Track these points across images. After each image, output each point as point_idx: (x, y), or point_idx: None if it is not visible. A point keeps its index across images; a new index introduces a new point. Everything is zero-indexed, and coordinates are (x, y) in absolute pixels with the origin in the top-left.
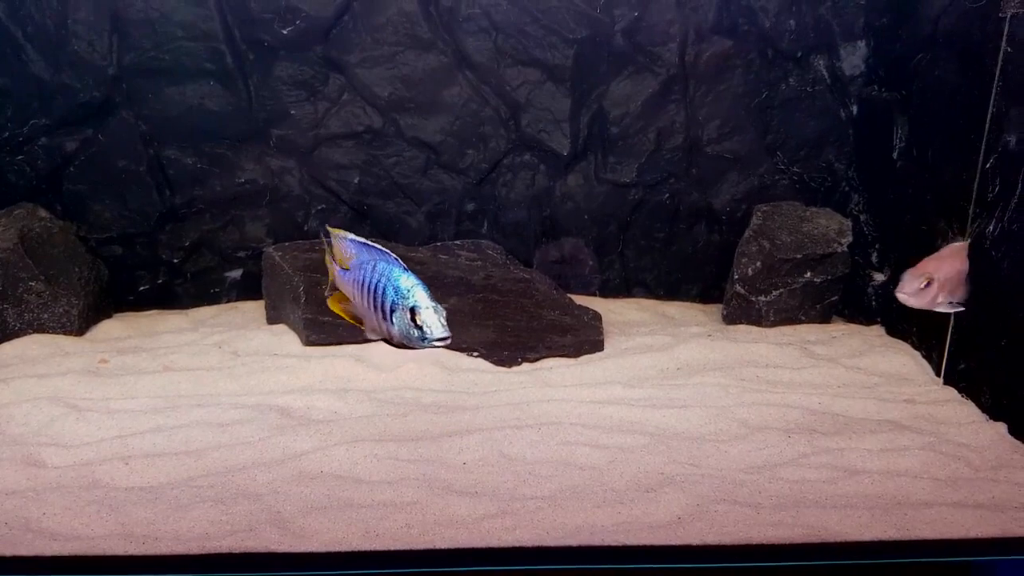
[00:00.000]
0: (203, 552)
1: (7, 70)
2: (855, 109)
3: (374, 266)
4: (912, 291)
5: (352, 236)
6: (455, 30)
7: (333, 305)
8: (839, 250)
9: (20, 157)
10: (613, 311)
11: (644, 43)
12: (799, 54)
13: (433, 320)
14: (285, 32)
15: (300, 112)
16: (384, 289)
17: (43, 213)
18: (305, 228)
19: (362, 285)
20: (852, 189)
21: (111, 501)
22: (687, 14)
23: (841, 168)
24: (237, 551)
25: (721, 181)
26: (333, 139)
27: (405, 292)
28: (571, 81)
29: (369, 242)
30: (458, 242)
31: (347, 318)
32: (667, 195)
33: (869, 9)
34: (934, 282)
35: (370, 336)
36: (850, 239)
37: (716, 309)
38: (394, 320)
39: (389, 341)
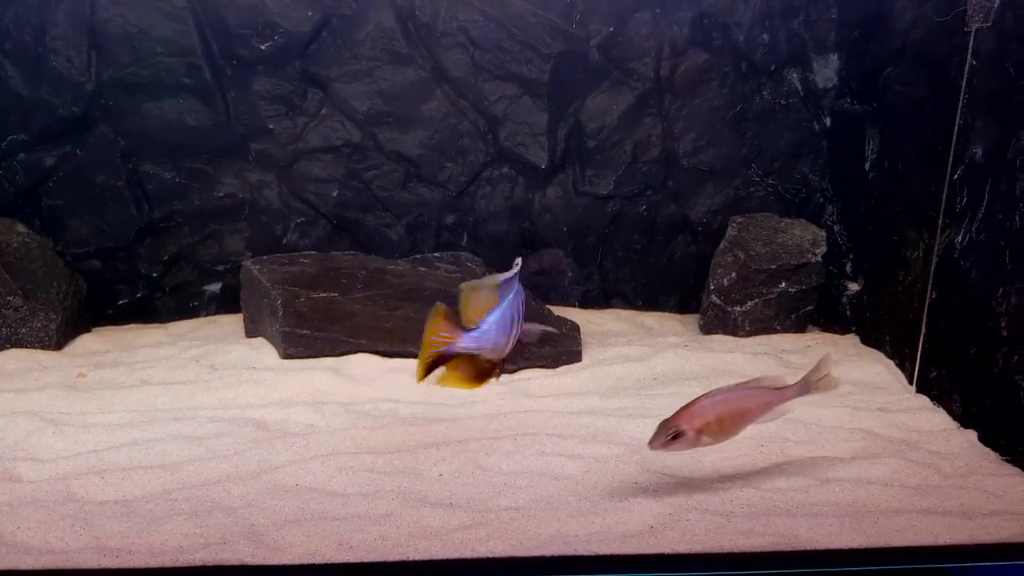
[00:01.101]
0: (176, 565)
1: None
2: (828, 121)
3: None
4: (661, 443)
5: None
6: (432, 45)
7: (452, 382)
8: (813, 260)
9: None
10: (592, 322)
11: (620, 57)
12: (773, 67)
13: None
14: (263, 47)
15: (279, 127)
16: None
17: (21, 228)
18: (284, 241)
19: (511, 320)
20: (826, 200)
21: (85, 515)
22: (662, 29)
23: (815, 179)
24: (210, 564)
25: (697, 193)
26: (312, 153)
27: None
28: (548, 95)
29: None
30: (437, 254)
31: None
32: (644, 207)
33: (841, 23)
34: (686, 432)
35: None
36: (824, 249)
37: (693, 319)
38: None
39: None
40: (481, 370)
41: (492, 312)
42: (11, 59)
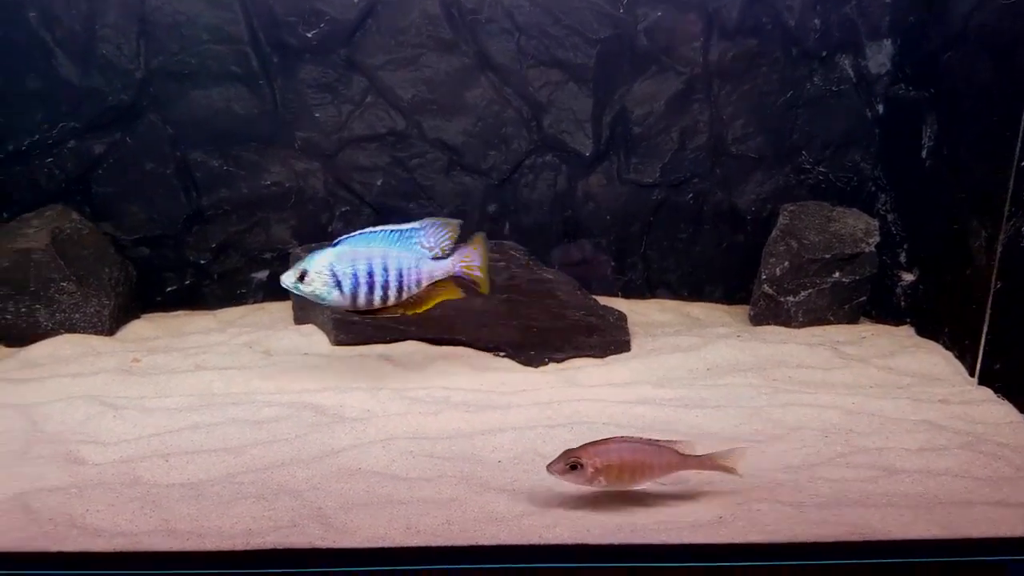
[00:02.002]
0: (248, 548)
1: (37, 74)
2: (881, 108)
3: None
4: (558, 470)
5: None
6: (477, 32)
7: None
8: (867, 250)
9: (50, 160)
10: (636, 312)
11: (668, 42)
12: (824, 53)
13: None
14: (309, 35)
15: (324, 115)
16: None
17: (73, 215)
18: (329, 229)
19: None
20: (879, 189)
21: (153, 497)
22: (711, 13)
23: (867, 167)
24: (281, 547)
25: (746, 181)
26: (357, 141)
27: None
28: (594, 81)
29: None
30: None
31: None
32: (691, 195)
33: (895, 8)
34: (585, 467)
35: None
36: (878, 239)
37: (741, 310)
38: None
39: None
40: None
41: None
42: (62, 47)
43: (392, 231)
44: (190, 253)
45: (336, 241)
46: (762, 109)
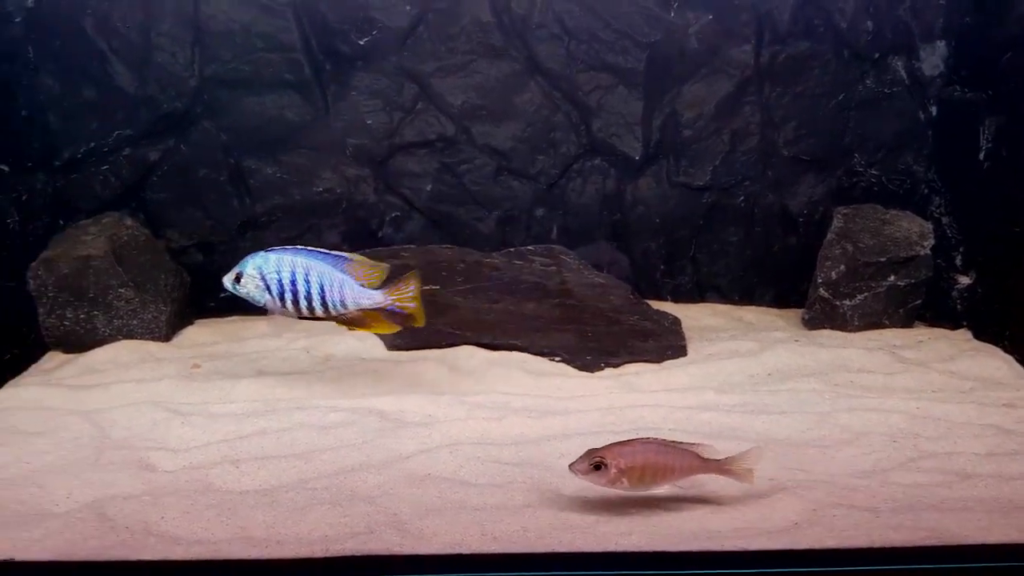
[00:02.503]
0: (327, 555)
1: (93, 82)
2: (935, 110)
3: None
4: (581, 469)
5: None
6: (528, 37)
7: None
8: (922, 253)
9: (105, 167)
10: (688, 316)
11: (718, 45)
12: (877, 55)
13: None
14: (362, 43)
15: (376, 121)
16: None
17: (129, 221)
18: (379, 235)
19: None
20: (932, 191)
21: (229, 504)
22: (762, 16)
23: (920, 170)
24: (359, 553)
25: (797, 183)
26: (407, 148)
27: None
28: (643, 84)
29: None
30: (531, 247)
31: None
32: (742, 198)
33: (950, 10)
34: (608, 467)
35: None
36: (932, 242)
37: (794, 314)
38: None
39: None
40: None
41: None
42: (118, 56)
43: (323, 252)
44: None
45: (270, 249)
46: (814, 111)
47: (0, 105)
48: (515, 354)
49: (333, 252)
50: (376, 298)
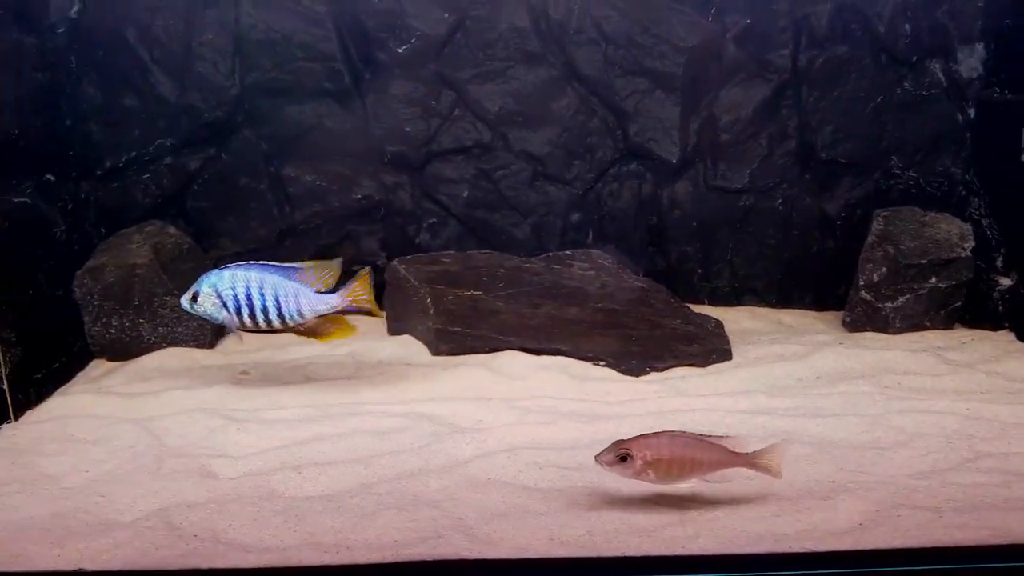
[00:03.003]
0: (399, 560)
1: (135, 92)
2: (973, 112)
3: None
4: (607, 461)
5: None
6: (565, 43)
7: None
8: (963, 255)
9: (146, 176)
10: (727, 319)
11: (756, 50)
12: (914, 58)
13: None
14: (400, 50)
15: (414, 129)
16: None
17: (172, 229)
18: (416, 241)
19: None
20: (971, 193)
21: (295, 511)
22: (799, 20)
23: (958, 172)
24: (430, 558)
25: (835, 186)
26: (444, 154)
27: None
28: (681, 89)
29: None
30: (569, 252)
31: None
32: (779, 201)
33: (989, 12)
34: (634, 459)
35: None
36: (972, 243)
37: (832, 316)
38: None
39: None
40: None
41: None
42: (160, 65)
43: (274, 265)
44: None
45: (223, 267)
46: (851, 115)
47: (44, 114)
48: (559, 359)
49: (285, 264)
50: (333, 302)
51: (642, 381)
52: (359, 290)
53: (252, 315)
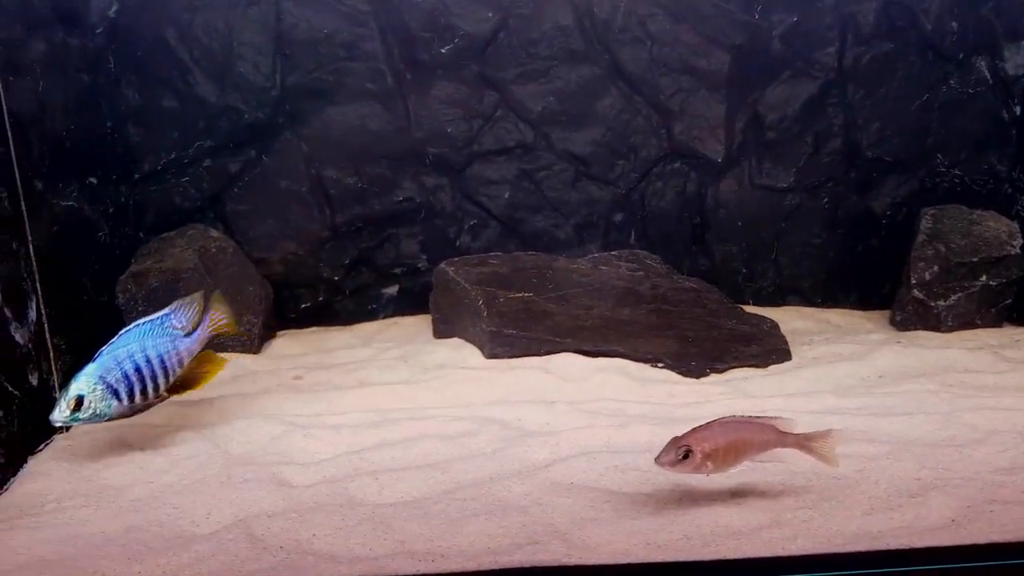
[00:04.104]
0: (497, 567)
1: (174, 92)
2: (1019, 110)
3: None
4: (669, 461)
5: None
6: (610, 42)
7: None
8: (1012, 252)
9: (185, 179)
10: (776, 319)
11: (802, 47)
12: (961, 56)
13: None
14: (444, 51)
15: (456, 130)
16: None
17: (215, 233)
18: (457, 244)
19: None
20: (1017, 190)
21: (380, 518)
22: (846, 18)
23: (1003, 170)
24: (530, 565)
25: (881, 184)
26: (485, 155)
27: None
28: (726, 87)
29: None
30: (615, 253)
31: None
32: (825, 199)
33: None
34: (694, 453)
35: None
36: (1022, 241)
37: (879, 315)
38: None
39: None
40: None
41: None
42: (200, 66)
43: (143, 323)
44: (323, 270)
45: (95, 355)
46: (897, 112)
47: (87, 116)
48: (616, 360)
49: (151, 316)
50: (199, 336)
51: (704, 383)
52: (218, 314)
53: (144, 391)
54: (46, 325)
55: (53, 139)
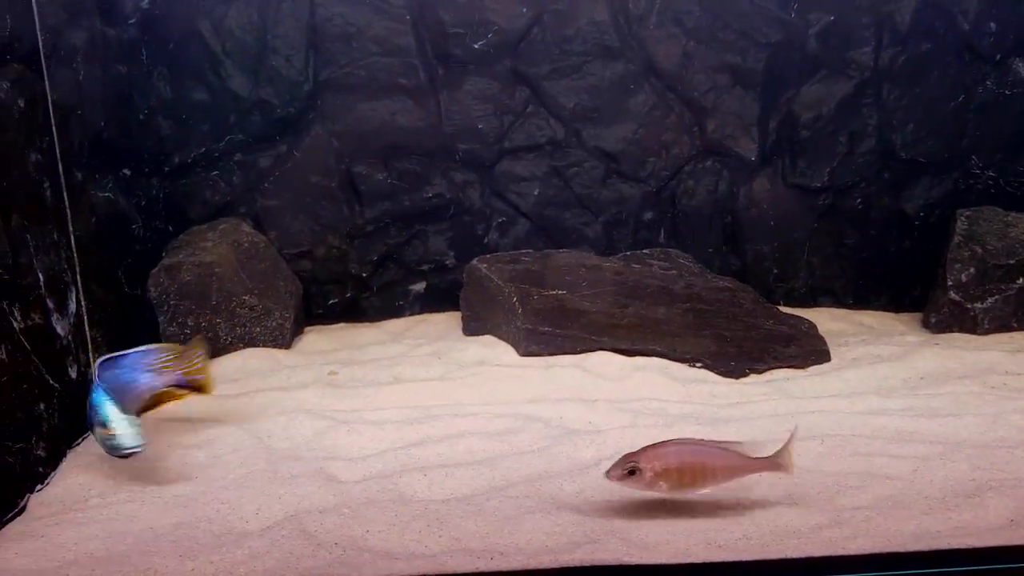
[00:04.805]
0: (558, 566)
1: (206, 86)
2: None
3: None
4: (616, 475)
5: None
6: (644, 38)
7: None
8: None
9: (215, 172)
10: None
11: (838, 46)
12: (998, 57)
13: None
14: (476, 46)
15: (487, 126)
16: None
17: (246, 227)
18: (485, 241)
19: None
20: None
21: (434, 515)
22: (883, 17)
23: None
24: (591, 564)
25: (915, 185)
26: (516, 152)
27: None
28: (761, 85)
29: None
30: (647, 251)
31: None
32: (859, 200)
33: None
34: (644, 471)
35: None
36: None
37: (910, 317)
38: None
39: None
40: None
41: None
42: (232, 59)
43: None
44: (352, 266)
45: (95, 388)
46: (932, 113)
47: (121, 107)
48: (653, 359)
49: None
50: (167, 378)
51: (745, 383)
52: (195, 359)
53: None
54: (85, 317)
55: (92, 130)
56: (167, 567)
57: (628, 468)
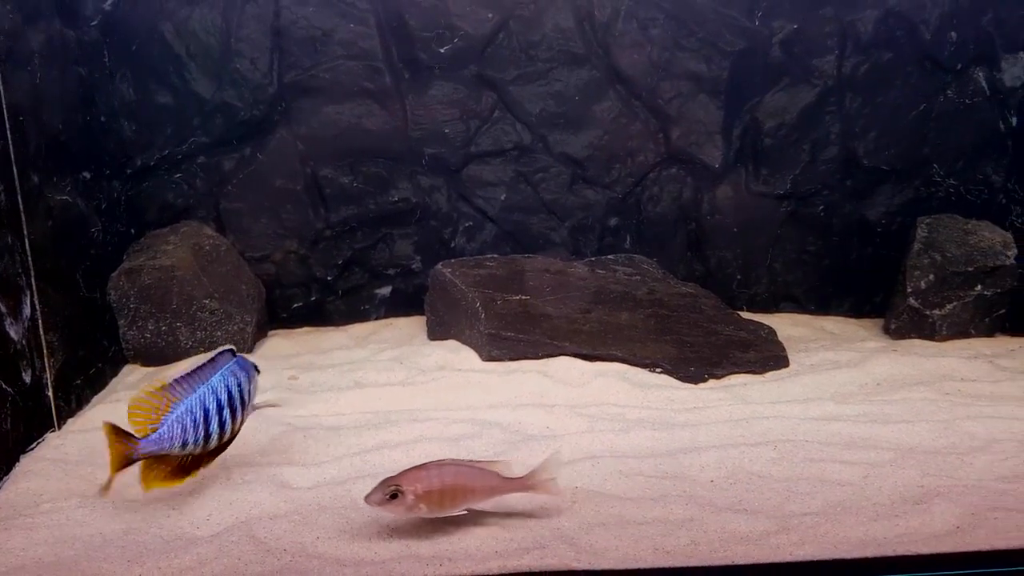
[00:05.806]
0: (505, 571)
1: (169, 88)
2: (1015, 121)
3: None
4: (376, 500)
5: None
6: (610, 45)
7: (153, 483)
8: (1007, 263)
9: (178, 175)
10: (770, 326)
11: (802, 55)
12: (959, 66)
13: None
14: (442, 50)
15: (453, 131)
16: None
17: (208, 230)
18: (452, 245)
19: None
20: (1011, 201)
21: (385, 521)
22: (846, 26)
23: (999, 180)
24: (536, 570)
25: (876, 193)
26: (482, 157)
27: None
28: (725, 93)
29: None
30: (612, 257)
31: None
32: (821, 207)
33: None
34: (405, 494)
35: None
36: (1016, 251)
37: (872, 323)
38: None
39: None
40: (183, 465)
41: (173, 410)
42: (196, 61)
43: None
44: (316, 270)
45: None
46: (894, 121)
47: (81, 110)
48: (614, 365)
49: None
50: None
51: (703, 388)
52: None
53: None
54: (40, 321)
55: (49, 132)
56: (114, 572)
57: (390, 492)
